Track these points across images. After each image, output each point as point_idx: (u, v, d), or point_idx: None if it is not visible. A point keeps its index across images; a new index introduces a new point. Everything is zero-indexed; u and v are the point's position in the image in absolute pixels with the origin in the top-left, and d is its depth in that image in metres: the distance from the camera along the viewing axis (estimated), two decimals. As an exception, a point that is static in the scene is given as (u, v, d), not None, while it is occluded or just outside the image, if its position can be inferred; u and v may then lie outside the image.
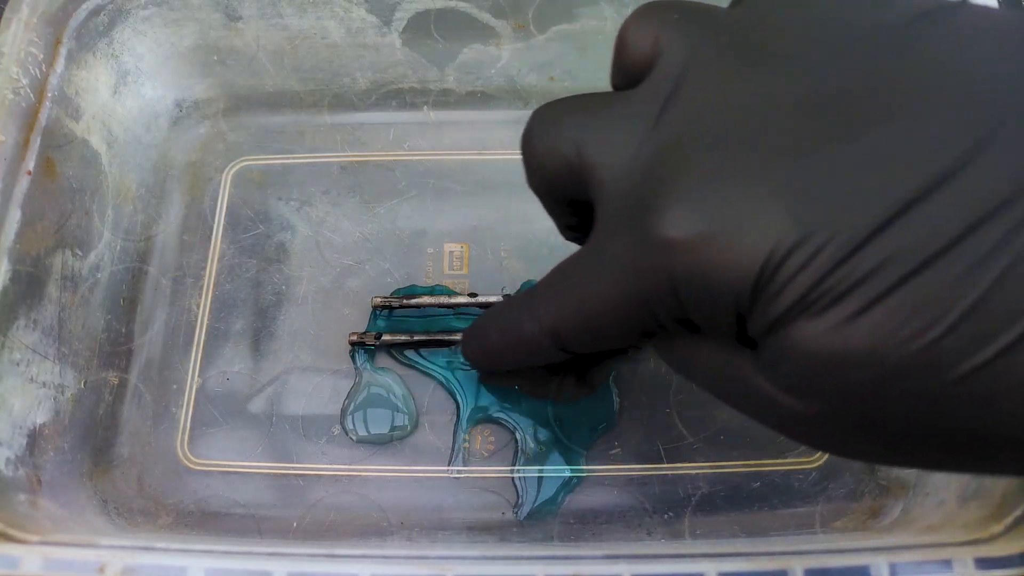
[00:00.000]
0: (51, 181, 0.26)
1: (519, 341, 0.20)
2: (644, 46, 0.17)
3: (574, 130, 0.17)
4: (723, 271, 0.13)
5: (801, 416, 0.14)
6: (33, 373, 0.24)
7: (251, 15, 0.30)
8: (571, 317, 0.18)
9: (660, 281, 0.15)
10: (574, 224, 0.20)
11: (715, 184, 0.14)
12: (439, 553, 0.20)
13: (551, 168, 0.18)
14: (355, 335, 0.27)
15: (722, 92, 0.15)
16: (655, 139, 0.15)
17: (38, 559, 0.19)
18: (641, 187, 0.15)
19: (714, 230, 0.13)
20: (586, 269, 0.17)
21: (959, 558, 0.18)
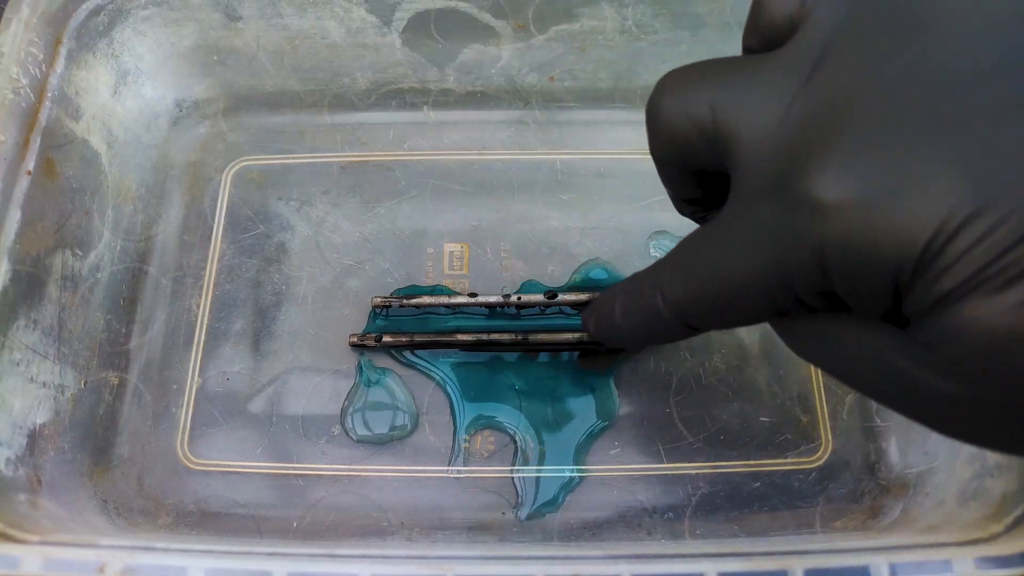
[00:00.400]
0: (51, 181, 0.26)
1: (643, 316, 0.19)
2: (789, 5, 0.16)
3: (710, 92, 0.16)
4: (884, 239, 0.13)
5: (957, 401, 0.13)
6: (33, 373, 0.24)
7: (251, 15, 0.30)
8: (701, 292, 0.17)
9: (807, 250, 0.14)
10: (696, 197, 0.19)
11: (877, 147, 0.13)
12: (439, 553, 0.20)
13: (683, 134, 0.17)
14: (355, 336, 0.27)
15: (880, 55, 0.14)
16: (805, 101, 0.15)
17: (38, 559, 0.19)
18: (789, 150, 0.14)
19: (876, 193, 0.13)
20: (720, 240, 0.16)
21: (959, 558, 0.18)
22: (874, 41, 0.14)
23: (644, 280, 0.19)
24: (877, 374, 0.15)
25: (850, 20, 0.15)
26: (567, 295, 0.27)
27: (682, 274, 0.18)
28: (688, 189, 0.19)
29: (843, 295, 0.14)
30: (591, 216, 0.30)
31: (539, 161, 0.31)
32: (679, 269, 0.18)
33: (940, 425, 0.15)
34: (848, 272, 0.13)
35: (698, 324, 0.18)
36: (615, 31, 0.30)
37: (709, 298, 0.17)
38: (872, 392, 0.16)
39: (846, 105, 0.14)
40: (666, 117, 0.17)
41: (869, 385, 0.15)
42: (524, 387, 0.27)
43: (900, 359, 0.14)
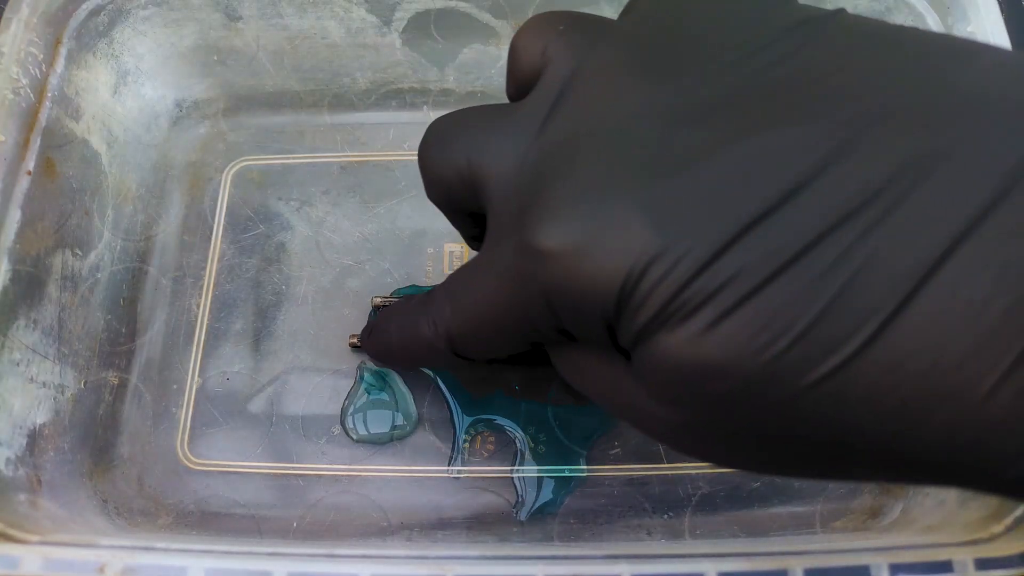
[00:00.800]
0: (51, 181, 0.26)
1: (416, 342, 0.21)
2: (533, 57, 0.17)
3: (464, 141, 0.18)
4: (589, 282, 0.14)
5: (671, 424, 0.15)
6: (33, 373, 0.24)
7: (251, 15, 0.30)
8: (461, 322, 0.19)
9: (535, 290, 0.15)
10: (476, 234, 0.21)
11: (584, 197, 0.14)
12: (439, 553, 0.20)
13: (445, 179, 0.18)
14: (355, 337, 0.27)
15: (606, 101, 0.15)
16: (537, 149, 0.16)
17: (38, 559, 0.19)
18: (521, 196, 0.16)
19: (581, 242, 0.14)
20: (475, 275, 0.18)
21: (959, 558, 0.18)
22: (602, 88, 0.15)
23: (419, 308, 0.21)
24: (618, 401, 0.16)
25: (583, 67, 0.16)
26: None
27: (448, 303, 0.19)
28: (466, 228, 0.21)
29: (571, 331, 0.16)
30: (591, 216, 0.30)
31: (539, 161, 0.31)
32: (446, 297, 0.19)
33: (676, 447, 0.16)
34: (568, 311, 0.15)
35: (466, 353, 0.20)
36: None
37: (469, 328, 0.18)
38: (622, 416, 0.17)
39: (567, 153, 0.15)
40: (431, 164, 0.19)
41: (617, 410, 0.17)
42: (524, 387, 0.27)
43: (627, 386, 0.16)
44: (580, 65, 0.16)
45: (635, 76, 0.15)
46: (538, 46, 0.17)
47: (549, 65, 0.17)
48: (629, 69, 0.15)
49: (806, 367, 0.12)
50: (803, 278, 0.12)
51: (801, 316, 0.12)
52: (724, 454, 0.15)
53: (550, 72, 0.17)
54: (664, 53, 0.15)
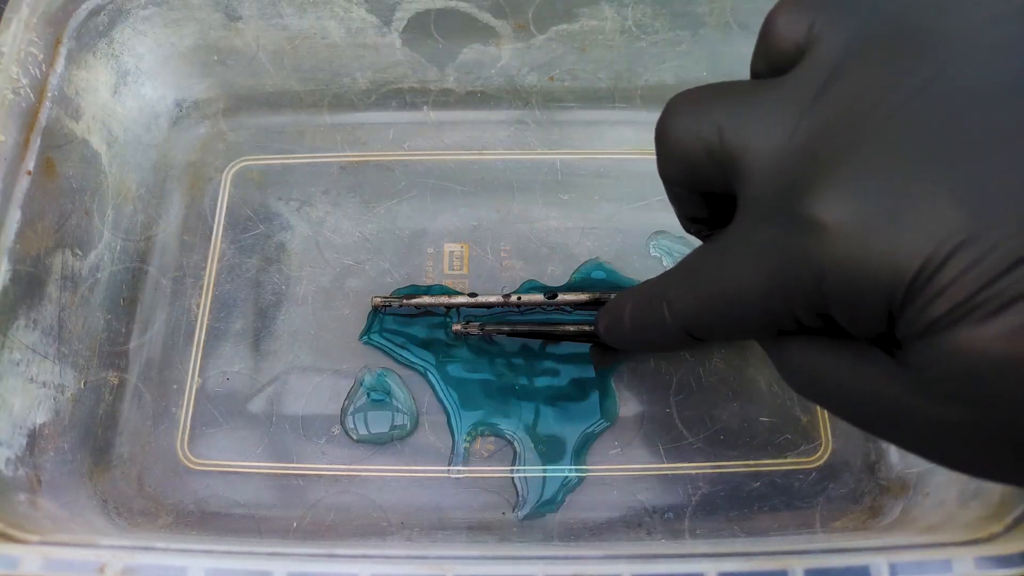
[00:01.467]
0: (51, 181, 0.26)
1: (650, 325, 0.20)
2: (797, 32, 0.16)
3: (719, 115, 0.17)
4: (879, 263, 0.13)
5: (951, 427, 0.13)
6: (33, 373, 0.24)
7: (251, 15, 0.30)
8: (705, 305, 0.18)
9: (806, 269, 0.14)
10: (703, 216, 0.20)
11: (878, 170, 0.13)
12: (439, 553, 0.20)
13: (691, 154, 0.17)
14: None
15: (886, 80, 0.14)
16: (811, 124, 0.15)
17: (38, 559, 0.19)
18: (794, 172, 0.15)
19: (873, 217, 0.13)
20: (726, 257, 0.17)
21: (959, 558, 0.18)
22: (879, 66, 0.14)
23: (653, 289, 0.20)
24: (868, 401, 0.15)
25: (856, 45, 0.15)
26: (567, 295, 0.27)
27: (688, 287, 0.18)
28: (695, 209, 0.19)
29: (838, 317, 0.14)
30: (591, 216, 0.30)
31: (539, 161, 0.31)
32: (686, 281, 0.18)
33: (936, 452, 0.15)
34: (843, 293, 0.14)
35: (701, 335, 0.19)
36: (615, 31, 0.30)
37: (712, 312, 0.17)
38: (862, 420, 0.16)
39: (849, 128, 0.14)
40: (675, 137, 0.18)
41: (860, 412, 0.16)
42: (524, 387, 0.27)
43: (892, 385, 0.14)
44: (854, 40, 0.15)
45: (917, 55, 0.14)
46: (803, 21, 0.16)
47: (819, 41, 0.16)
48: (909, 47, 0.14)
49: None
50: None
51: None
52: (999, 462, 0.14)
53: (821, 48, 0.16)
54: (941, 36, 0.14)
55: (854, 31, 0.15)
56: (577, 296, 0.27)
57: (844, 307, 0.14)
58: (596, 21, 0.30)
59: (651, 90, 0.32)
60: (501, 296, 0.27)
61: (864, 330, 0.14)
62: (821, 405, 0.17)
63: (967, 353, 0.12)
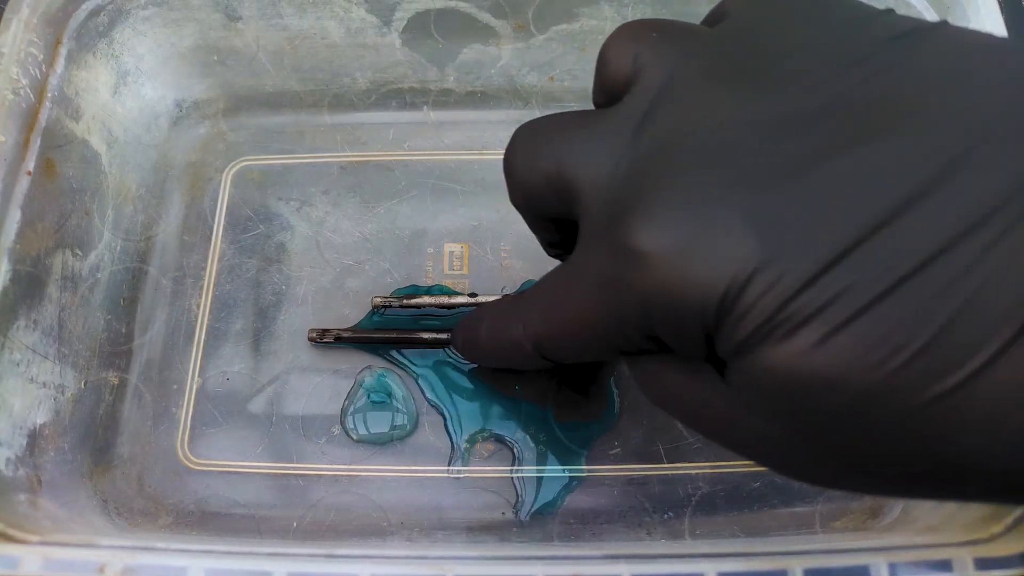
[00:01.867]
0: (51, 181, 0.26)
1: (505, 342, 0.21)
2: (624, 64, 0.17)
3: (554, 146, 0.18)
4: (689, 289, 0.14)
5: (769, 440, 0.14)
6: (33, 373, 0.24)
7: (251, 15, 0.30)
8: (552, 327, 0.18)
9: (630, 295, 0.15)
10: (556, 241, 0.21)
11: (687, 202, 0.14)
12: (439, 553, 0.20)
13: (532, 185, 0.18)
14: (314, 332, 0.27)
15: (701, 110, 0.15)
16: (633, 154, 0.16)
17: (38, 559, 0.19)
18: (617, 201, 0.15)
19: (682, 247, 0.14)
20: (567, 280, 0.18)
21: (959, 558, 0.18)
22: (692, 98, 0.15)
23: (510, 308, 0.21)
24: (703, 413, 0.16)
25: (678, 74, 0.16)
26: None
27: (539, 307, 0.19)
28: (547, 234, 0.21)
29: (665, 339, 0.15)
30: (591, 216, 0.30)
31: (539, 161, 0.31)
32: (539, 303, 0.19)
33: (768, 463, 0.16)
34: (665, 318, 0.14)
35: (553, 357, 0.20)
36: (615, 31, 0.30)
37: (561, 335, 0.18)
38: (705, 432, 0.17)
39: (663, 158, 0.15)
40: (518, 169, 0.19)
41: (700, 424, 0.17)
42: (523, 387, 0.27)
43: (719, 400, 0.15)
44: (674, 72, 0.16)
45: (731, 86, 0.15)
46: (630, 53, 0.17)
47: (643, 72, 0.17)
48: (724, 78, 0.15)
49: (924, 384, 0.12)
50: (922, 293, 0.12)
51: (921, 332, 0.12)
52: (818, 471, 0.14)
53: (644, 79, 0.16)
54: (759, 64, 0.15)
55: (674, 63, 0.16)
56: None
57: (667, 331, 0.15)
58: (596, 21, 0.30)
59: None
60: (501, 296, 0.27)
61: (690, 352, 0.15)
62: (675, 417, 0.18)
63: (769, 370, 0.13)
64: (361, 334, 0.28)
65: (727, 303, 0.13)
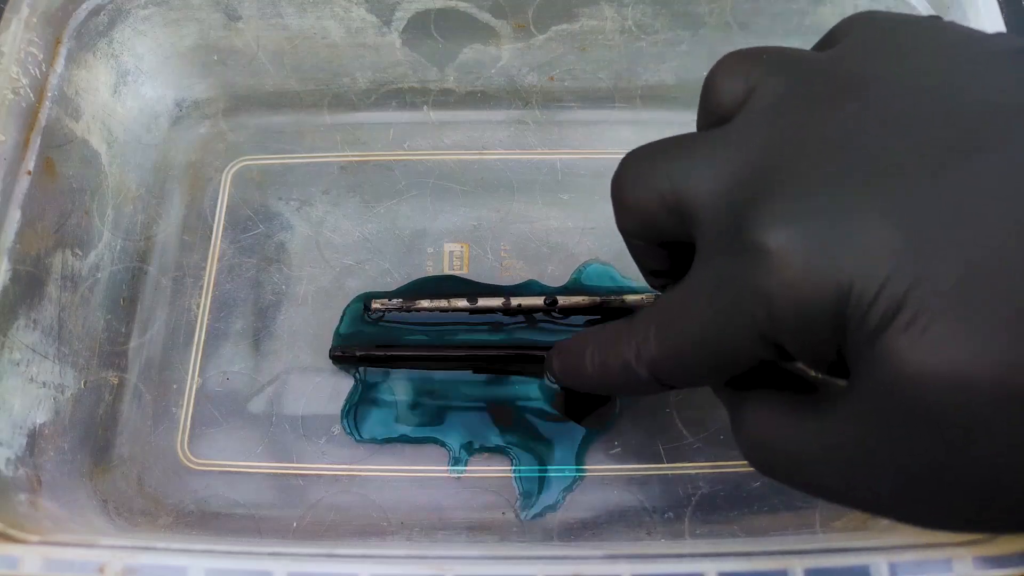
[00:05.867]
0: (51, 181, 0.26)
1: (615, 367, 0.20)
2: (736, 88, 0.17)
3: (670, 165, 0.17)
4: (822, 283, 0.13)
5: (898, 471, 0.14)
6: (33, 373, 0.24)
7: (251, 15, 0.30)
8: (668, 346, 0.18)
9: (756, 297, 0.14)
10: (663, 270, 0.20)
11: (815, 196, 0.14)
12: (439, 553, 0.20)
13: (646, 206, 0.18)
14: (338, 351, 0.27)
15: (818, 116, 0.15)
16: (752, 161, 0.16)
17: (38, 559, 0.19)
18: (739, 207, 0.15)
19: (814, 240, 0.13)
20: (684, 296, 0.17)
21: (959, 557, 0.18)
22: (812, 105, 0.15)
23: (620, 332, 0.20)
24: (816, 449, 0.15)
25: (791, 91, 0.16)
26: (566, 299, 0.27)
27: (654, 330, 0.18)
28: (657, 262, 0.20)
29: (788, 343, 0.15)
30: (591, 216, 0.30)
31: (539, 161, 0.31)
32: (653, 325, 0.18)
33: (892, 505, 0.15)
34: (791, 316, 0.14)
35: (669, 380, 0.19)
36: (615, 31, 0.30)
37: (678, 355, 0.18)
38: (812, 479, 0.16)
39: (786, 162, 0.15)
40: (630, 191, 0.18)
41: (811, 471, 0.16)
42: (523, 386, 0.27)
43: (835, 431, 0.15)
44: (790, 88, 0.16)
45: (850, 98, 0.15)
46: (741, 76, 0.17)
47: (756, 90, 0.17)
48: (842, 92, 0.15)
49: None
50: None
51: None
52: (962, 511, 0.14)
53: (758, 95, 0.16)
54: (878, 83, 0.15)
55: (788, 80, 0.16)
56: (578, 302, 0.27)
57: (792, 331, 0.14)
58: (596, 21, 0.30)
59: (651, 90, 0.32)
60: (502, 303, 0.27)
61: (814, 355, 0.15)
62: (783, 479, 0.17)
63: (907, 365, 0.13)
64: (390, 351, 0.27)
65: (865, 298, 0.13)
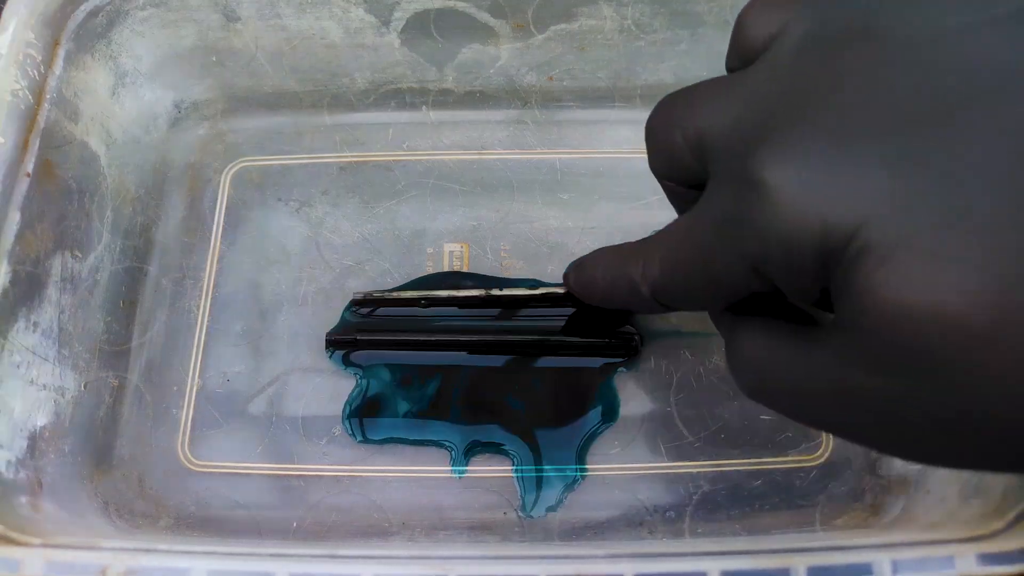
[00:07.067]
0: (50, 183, 0.26)
1: (622, 282, 0.21)
2: (764, 27, 0.17)
3: (693, 107, 0.18)
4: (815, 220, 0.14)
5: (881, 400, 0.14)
6: (33, 375, 0.24)
7: (249, 16, 0.30)
8: (669, 267, 0.19)
9: (750, 225, 0.15)
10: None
11: (817, 139, 0.14)
12: (440, 553, 0.20)
13: (671, 147, 0.18)
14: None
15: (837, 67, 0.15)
16: (768, 105, 0.16)
17: (40, 562, 0.19)
18: (747, 142, 0.16)
19: (811, 179, 0.14)
20: (689, 222, 0.18)
21: (961, 555, 0.18)
22: (830, 51, 0.15)
23: (630, 251, 0.21)
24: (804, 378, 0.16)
25: (814, 36, 0.16)
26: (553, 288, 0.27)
27: (660, 252, 0.19)
28: (687, 203, 0.20)
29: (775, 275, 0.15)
30: (591, 216, 0.30)
31: (538, 161, 0.31)
32: (659, 247, 0.19)
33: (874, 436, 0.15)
34: (781, 249, 0.15)
35: (667, 301, 0.20)
36: (614, 30, 0.30)
37: (677, 276, 0.18)
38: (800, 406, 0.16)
39: (796, 103, 0.15)
40: (657, 131, 0.19)
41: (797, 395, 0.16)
42: (523, 389, 0.27)
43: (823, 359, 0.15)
44: (813, 32, 0.16)
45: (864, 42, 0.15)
46: (769, 18, 0.17)
47: (783, 31, 0.17)
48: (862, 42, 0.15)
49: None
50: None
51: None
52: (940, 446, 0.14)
53: (784, 38, 0.17)
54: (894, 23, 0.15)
55: (814, 22, 0.16)
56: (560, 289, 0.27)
57: (779, 264, 0.15)
58: (595, 20, 0.30)
59: (650, 89, 0.32)
60: (484, 292, 0.27)
61: (799, 290, 0.15)
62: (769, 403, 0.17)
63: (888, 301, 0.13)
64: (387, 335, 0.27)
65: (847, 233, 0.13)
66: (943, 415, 0.13)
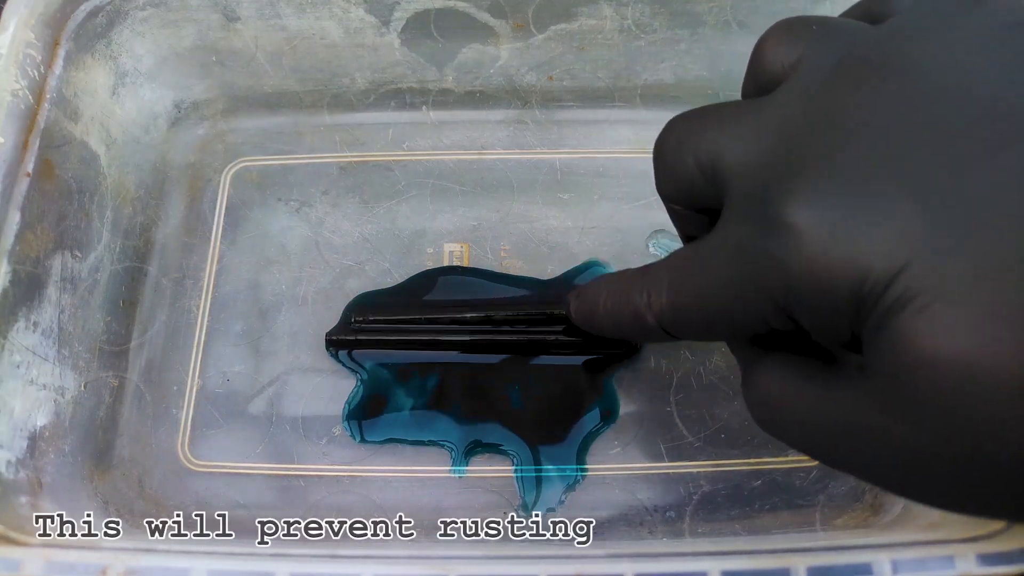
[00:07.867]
0: (50, 183, 0.26)
1: (626, 312, 0.20)
2: (783, 57, 0.17)
3: (708, 132, 0.17)
4: (844, 263, 0.13)
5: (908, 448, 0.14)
6: (33, 375, 0.24)
7: (249, 16, 0.30)
8: (680, 298, 0.18)
9: (774, 268, 0.15)
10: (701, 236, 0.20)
11: (844, 177, 0.14)
12: (440, 553, 0.20)
13: (684, 171, 0.18)
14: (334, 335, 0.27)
15: (860, 102, 0.15)
16: (789, 138, 0.16)
17: (40, 562, 0.19)
18: (768, 178, 0.15)
19: (839, 220, 0.13)
20: (702, 252, 0.17)
21: (961, 555, 0.18)
22: (853, 85, 0.15)
23: (634, 280, 0.20)
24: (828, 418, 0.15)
25: (835, 67, 0.16)
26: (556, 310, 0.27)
27: (668, 277, 0.19)
28: (694, 227, 0.20)
29: (802, 318, 0.15)
30: (591, 215, 0.30)
31: (538, 161, 0.31)
32: (667, 276, 0.19)
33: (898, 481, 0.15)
34: (808, 292, 0.14)
35: (677, 332, 0.19)
36: (614, 30, 0.30)
37: (689, 308, 0.18)
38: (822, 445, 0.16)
39: (819, 139, 0.15)
40: (669, 155, 0.19)
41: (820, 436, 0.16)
42: (523, 388, 0.27)
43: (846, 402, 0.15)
44: (834, 64, 0.16)
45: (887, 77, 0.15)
46: (790, 46, 0.17)
47: (802, 62, 0.17)
48: (884, 77, 0.15)
49: None
50: None
51: None
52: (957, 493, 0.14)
53: (803, 69, 0.16)
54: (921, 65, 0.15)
55: (835, 56, 0.16)
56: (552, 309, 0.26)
57: (808, 306, 0.15)
58: (595, 20, 0.30)
59: (650, 89, 0.32)
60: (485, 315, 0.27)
61: (827, 332, 0.15)
62: (780, 436, 0.17)
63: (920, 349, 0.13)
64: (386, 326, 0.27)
65: (883, 281, 0.13)
66: (969, 466, 0.13)
